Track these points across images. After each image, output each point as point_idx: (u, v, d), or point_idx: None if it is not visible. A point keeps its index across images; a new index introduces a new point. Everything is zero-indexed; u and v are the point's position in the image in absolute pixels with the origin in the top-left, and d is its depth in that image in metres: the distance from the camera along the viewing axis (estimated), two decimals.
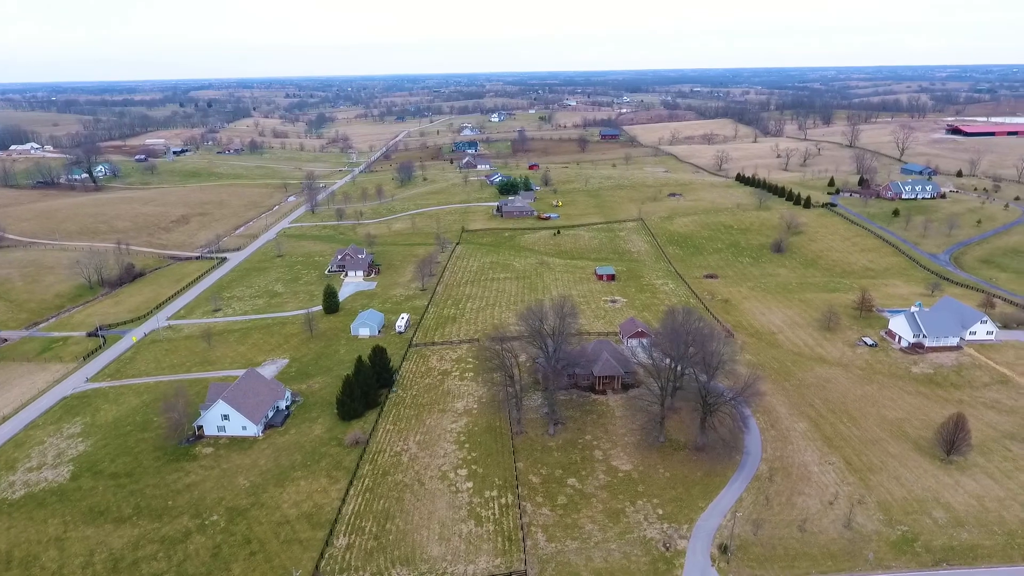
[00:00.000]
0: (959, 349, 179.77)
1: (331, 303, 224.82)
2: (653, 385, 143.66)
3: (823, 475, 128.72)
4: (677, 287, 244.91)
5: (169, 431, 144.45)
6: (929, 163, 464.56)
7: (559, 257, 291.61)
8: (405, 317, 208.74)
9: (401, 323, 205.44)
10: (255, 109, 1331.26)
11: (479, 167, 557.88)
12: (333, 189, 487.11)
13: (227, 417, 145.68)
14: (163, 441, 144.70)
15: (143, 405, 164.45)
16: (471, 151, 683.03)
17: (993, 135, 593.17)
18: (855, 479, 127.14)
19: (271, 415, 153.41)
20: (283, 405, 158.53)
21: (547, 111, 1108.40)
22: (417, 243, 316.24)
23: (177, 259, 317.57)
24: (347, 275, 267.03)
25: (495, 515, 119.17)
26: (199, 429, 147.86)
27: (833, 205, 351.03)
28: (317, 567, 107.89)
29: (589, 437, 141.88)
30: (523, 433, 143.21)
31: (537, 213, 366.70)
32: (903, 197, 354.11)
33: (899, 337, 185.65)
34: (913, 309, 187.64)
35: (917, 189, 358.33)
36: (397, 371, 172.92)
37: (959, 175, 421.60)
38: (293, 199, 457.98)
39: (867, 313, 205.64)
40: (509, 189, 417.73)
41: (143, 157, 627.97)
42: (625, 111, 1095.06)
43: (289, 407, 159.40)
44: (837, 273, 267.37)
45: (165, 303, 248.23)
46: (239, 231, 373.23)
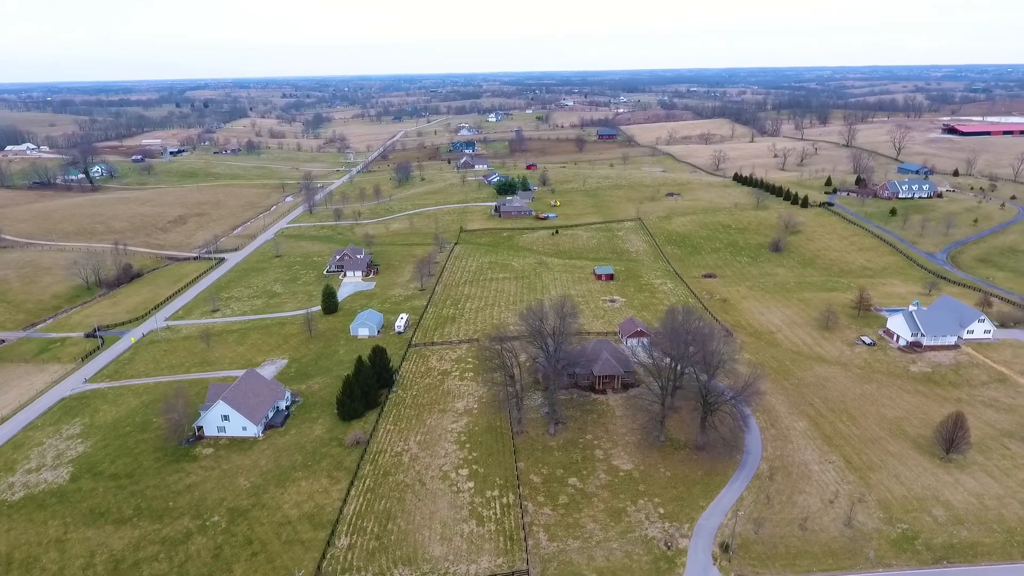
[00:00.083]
0: (957, 348, 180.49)
1: (330, 303, 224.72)
2: (653, 384, 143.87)
3: (823, 474, 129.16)
4: (676, 287, 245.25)
5: (169, 432, 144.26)
6: (926, 162, 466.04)
7: (558, 257, 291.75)
8: (404, 317, 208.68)
9: (400, 323, 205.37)
10: (252, 109, 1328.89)
11: (477, 167, 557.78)
12: (331, 189, 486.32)
13: (227, 418, 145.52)
14: (163, 442, 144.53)
15: (142, 406, 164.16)
16: (468, 151, 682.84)
17: (989, 134, 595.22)
18: (855, 478, 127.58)
19: (271, 415, 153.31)
20: (283, 405, 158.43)
21: (544, 111, 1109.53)
22: (415, 243, 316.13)
23: (175, 259, 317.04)
24: (346, 275, 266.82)
25: (496, 515, 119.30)
26: (199, 430, 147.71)
27: (830, 204, 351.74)
28: (319, 567, 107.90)
29: (590, 436, 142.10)
30: (524, 433, 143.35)
31: (535, 213, 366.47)
32: (900, 196, 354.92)
33: (897, 336, 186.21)
34: (911, 308, 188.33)
35: (914, 188, 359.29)
36: (397, 371, 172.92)
37: (955, 174, 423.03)
38: (291, 199, 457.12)
39: (865, 312, 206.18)
40: (507, 189, 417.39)
41: (140, 157, 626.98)
42: (622, 111, 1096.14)
43: (289, 407, 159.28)
44: (835, 272, 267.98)
45: (163, 304, 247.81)
46: (237, 231, 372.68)
